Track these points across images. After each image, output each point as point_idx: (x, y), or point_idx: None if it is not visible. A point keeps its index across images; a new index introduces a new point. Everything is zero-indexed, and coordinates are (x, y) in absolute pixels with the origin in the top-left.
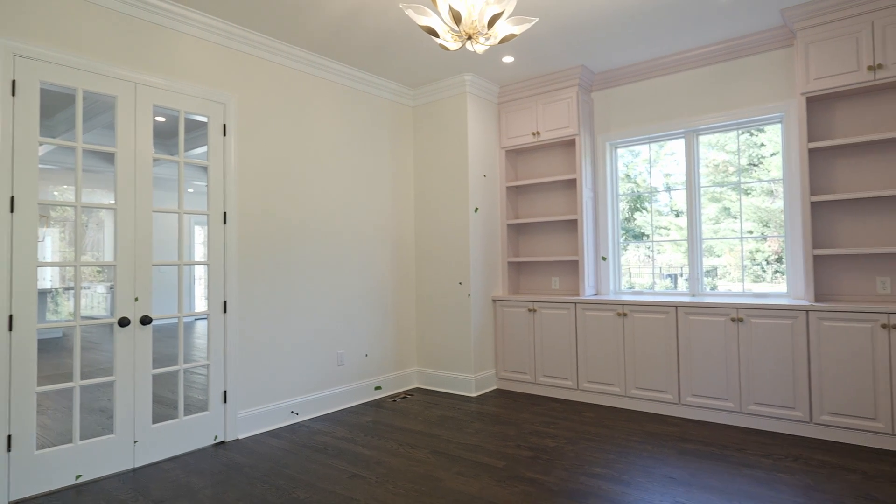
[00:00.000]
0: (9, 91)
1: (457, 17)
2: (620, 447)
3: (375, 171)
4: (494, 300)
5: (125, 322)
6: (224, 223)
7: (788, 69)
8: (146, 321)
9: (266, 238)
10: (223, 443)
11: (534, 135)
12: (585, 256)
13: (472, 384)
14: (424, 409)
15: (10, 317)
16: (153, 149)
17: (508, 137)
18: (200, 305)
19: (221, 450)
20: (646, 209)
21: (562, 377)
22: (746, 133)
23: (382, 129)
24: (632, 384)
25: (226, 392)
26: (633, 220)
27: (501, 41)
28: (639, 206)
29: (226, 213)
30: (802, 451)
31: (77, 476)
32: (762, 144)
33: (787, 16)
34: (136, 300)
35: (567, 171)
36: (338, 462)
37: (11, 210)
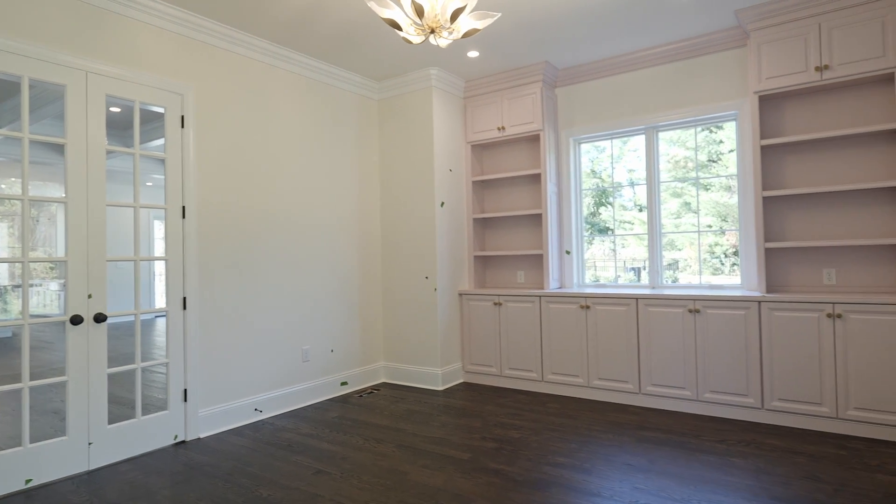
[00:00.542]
0: None
1: (419, 11)
2: (583, 437)
3: (340, 165)
4: (461, 294)
5: (78, 320)
6: (183, 217)
7: (743, 68)
8: (100, 319)
9: (227, 232)
10: (184, 442)
11: (499, 130)
12: (549, 250)
13: (439, 378)
14: (391, 404)
15: None
16: (106, 140)
17: (474, 132)
18: (161, 302)
19: (182, 449)
20: (610, 204)
21: (527, 369)
22: (707, 130)
23: (347, 123)
24: (594, 375)
25: (186, 390)
26: (599, 215)
27: (465, 35)
28: (604, 201)
29: (184, 207)
30: (755, 436)
31: (27, 480)
32: (721, 141)
33: (741, 17)
34: (90, 297)
35: (532, 166)
36: (302, 459)
37: None
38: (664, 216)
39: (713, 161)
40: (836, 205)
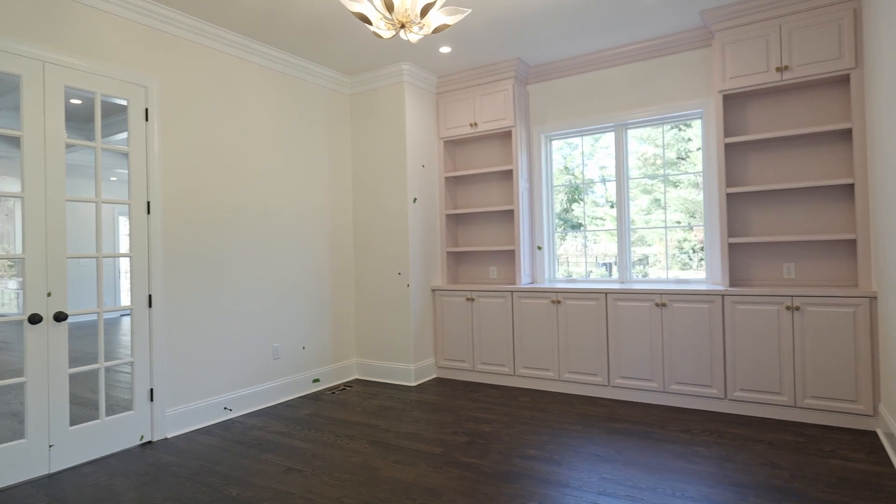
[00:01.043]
0: None
1: (389, 5)
2: (553, 429)
3: (311, 160)
4: (434, 290)
5: (37, 319)
6: (148, 213)
7: (708, 68)
8: (61, 317)
9: (195, 228)
10: (150, 443)
11: (472, 126)
12: (521, 246)
13: (412, 374)
14: (363, 400)
15: None
16: (66, 133)
17: (447, 128)
18: (127, 300)
19: (148, 450)
20: (583, 200)
21: (499, 364)
22: (676, 128)
23: (318, 117)
24: (565, 368)
25: (152, 390)
26: (572, 211)
27: (435, 31)
28: (576, 198)
29: (149, 203)
30: (718, 426)
31: None
32: (689, 139)
33: (706, 17)
34: (49, 295)
35: (504, 163)
36: (273, 457)
37: None
38: (635, 212)
39: (682, 158)
40: (796, 201)
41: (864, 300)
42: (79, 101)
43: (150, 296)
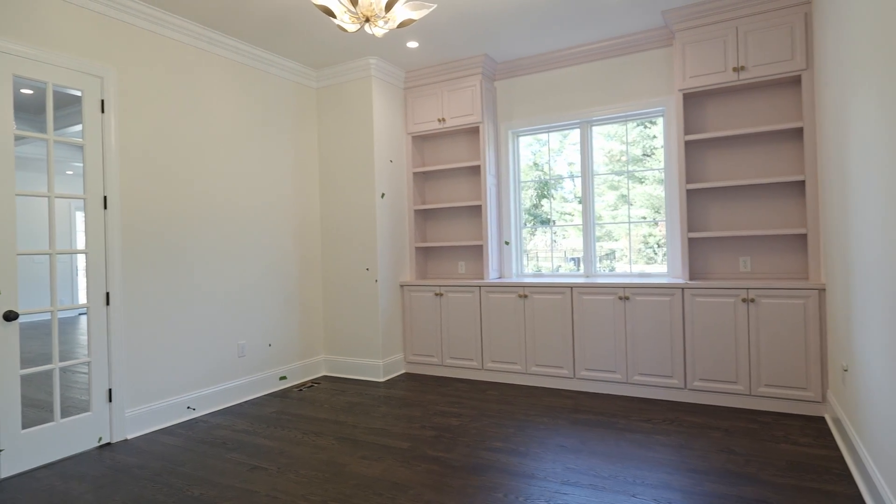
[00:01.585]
0: None
1: None
2: (519, 421)
3: (277, 154)
4: (402, 285)
5: None
6: (105, 208)
7: (670, 67)
8: (11, 317)
9: (155, 223)
10: (109, 444)
11: (440, 121)
12: (489, 241)
13: (381, 369)
14: (331, 397)
15: None
16: (14, 124)
17: (415, 123)
18: (84, 298)
19: (107, 452)
20: (552, 196)
21: (467, 358)
22: (642, 125)
23: (284, 111)
24: (532, 362)
25: (111, 390)
26: (541, 207)
27: (400, 25)
28: (545, 193)
29: (106, 198)
30: (678, 415)
31: None
32: (654, 136)
33: (667, 17)
34: None
35: (472, 158)
36: (237, 456)
37: None
38: (602, 208)
39: (648, 155)
40: (751, 197)
41: (814, 292)
42: (30, 92)
43: (108, 293)
